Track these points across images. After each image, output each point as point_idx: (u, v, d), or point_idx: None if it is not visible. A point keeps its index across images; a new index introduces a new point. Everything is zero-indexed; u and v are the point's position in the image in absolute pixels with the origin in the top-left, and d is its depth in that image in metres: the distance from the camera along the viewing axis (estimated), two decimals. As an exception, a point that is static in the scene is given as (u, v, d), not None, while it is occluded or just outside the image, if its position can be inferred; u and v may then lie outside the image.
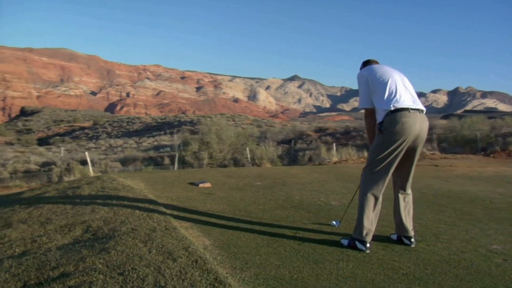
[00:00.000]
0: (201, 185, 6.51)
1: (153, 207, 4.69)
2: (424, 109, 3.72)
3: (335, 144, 20.05)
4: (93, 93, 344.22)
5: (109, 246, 3.29)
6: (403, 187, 3.87)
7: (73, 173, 16.01)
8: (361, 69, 4.06)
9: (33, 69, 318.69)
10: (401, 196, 3.88)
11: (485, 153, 16.72)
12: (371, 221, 3.60)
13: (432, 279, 3.05)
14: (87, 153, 18.56)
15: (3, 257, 3.31)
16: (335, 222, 4.45)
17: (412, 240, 3.82)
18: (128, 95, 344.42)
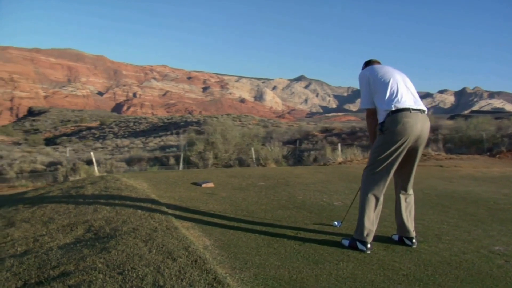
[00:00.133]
0: (204, 185, 6.52)
1: (155, 207, 4.70)
2: (425, 109, 3.71)
3: (340, 144, 20.03)
4: (100, 93, 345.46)
5: (110, 245, 3.30)
6: (404, 187, 3.86)
7: (78, 173, 16.06)
8: (363, 69, 4.05)
9: (40, 69, 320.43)
10: (402, 196, 3.87)
11: (490, 154, 16.63)
12: (372, 221, 3.59)
13: (432, 280, 3.04)
14: (92, 153, 18.62)
15: (5, 256, 3.33)
16: (336, 222, 4.44)
17: (413, 240, 3.81)
18: (134, 95, 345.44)
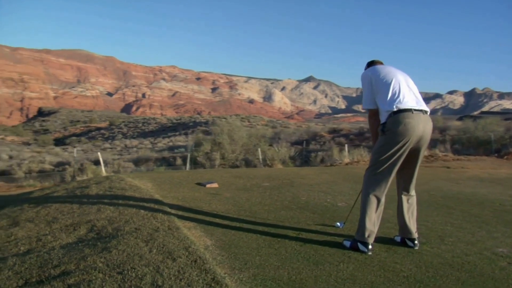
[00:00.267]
0: (208, 186, 6.53)
1: (158, 207, 4.73)
2: (428, 110, 3.69)
3: (347, 145, 19.98)
4: (109, 94, 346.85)
5: (111, 245, 3.32)
6: (406, 188, 3.84)
7: (86, 173, 16.17)
8: (365, 70, 4.04)
9: (50, 70, 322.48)
10: (404, 197, 3.85)
11: (498, 155, 16.52)
12: (373, 222, 3.58)
13: (433, 282, 3.02)
14: (99, 153, 18.73)
15: (8, 255, 3.36)
16: (339, 223, 4.43)
17: (415, 242, 3.79)
18: (144, 96, 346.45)
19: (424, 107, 3.65)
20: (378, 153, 3.61)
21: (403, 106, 3.53)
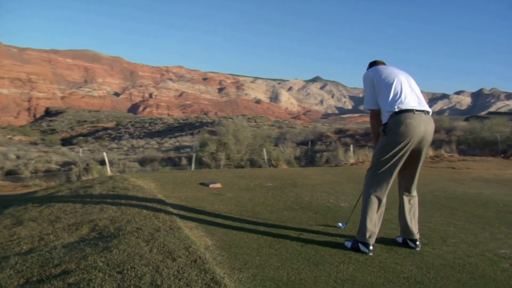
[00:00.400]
0: (211, 186, 6.54)
1: (160, 207, 4.74)
2: (430, 110, 3.67)
3: (352, 145, 19.93)
4: (116, 94, 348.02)
5: (112, 245, 3.34)
6: (408, 189, 3.83)
7: (91, 173, 16.24)
8: (367, 70, 4.03)
9: (57, 70, 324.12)
10: (406, 198, 3.83)
11: (504, 156, 16.41)
12: (374, 223, 3.57)
13: (433, 283, 3.00)
14: (105, 153, 18.81)
15: (10, 254, 3.38)
16: (341, 224, 4.42)
17: (417, 243, 3.77)
18: (150, 96, 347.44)
19: (426, 107, 3.63)
20: (379, 154, 3.60)
21: (404, 106, 3.52)
